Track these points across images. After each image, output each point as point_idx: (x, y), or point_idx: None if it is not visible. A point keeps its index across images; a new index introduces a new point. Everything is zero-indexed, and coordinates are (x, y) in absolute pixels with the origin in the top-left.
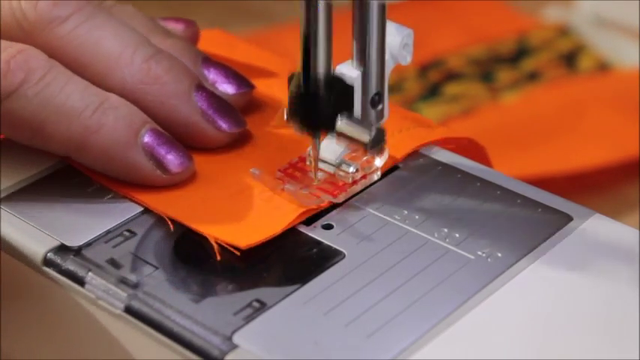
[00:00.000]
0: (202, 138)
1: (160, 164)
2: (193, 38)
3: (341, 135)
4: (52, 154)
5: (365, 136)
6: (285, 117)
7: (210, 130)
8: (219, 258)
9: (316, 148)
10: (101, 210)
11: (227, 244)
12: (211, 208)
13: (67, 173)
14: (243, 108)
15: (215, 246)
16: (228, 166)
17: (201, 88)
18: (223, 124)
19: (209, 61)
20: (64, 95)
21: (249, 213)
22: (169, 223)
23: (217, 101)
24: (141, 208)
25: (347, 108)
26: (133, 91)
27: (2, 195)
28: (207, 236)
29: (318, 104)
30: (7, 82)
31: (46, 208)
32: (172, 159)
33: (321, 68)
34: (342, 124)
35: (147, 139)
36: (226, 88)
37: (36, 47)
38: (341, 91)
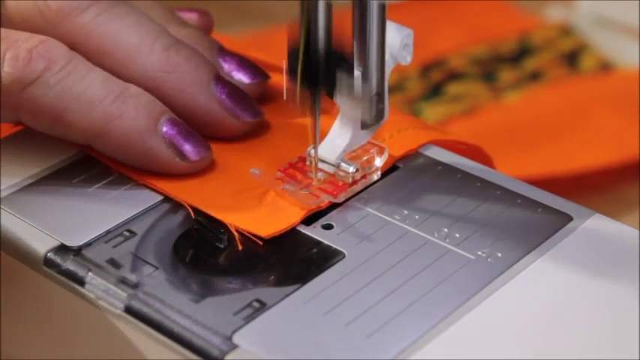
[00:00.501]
0: (220, 127)
1: (178, 152)
2: (207, 28)
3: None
4: (51, 154)
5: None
6: (285, 91)
7: (228, 120)
8: (240, 247)
9: (316, 117)
10: (101, 210)
11: (249, 233)
12: (231, 198)
13: (68, 173)
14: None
15: (236, 235)
16: (242, 157)
17: (220, 78)
18: (242, 114)
19: (224, 50)
20: (85, 84)
21: (268, 204)
22: (190, 210)
23: (235, 91)
24: (141, 208)
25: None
26: (153, 78)
27: (2, 195)
28: (228, 225)
29: (317, 60)
30: (28, 70)
31: (46, 208)
32: (190, 148)
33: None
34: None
35: (165, 128)
36: (242, 77)
37: (58, 37)
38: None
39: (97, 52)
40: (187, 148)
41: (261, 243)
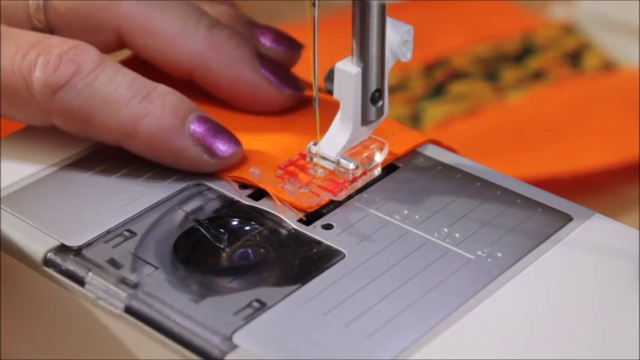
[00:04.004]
0: (265, 101)
1: (207, 150)
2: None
3: None
4: (51, 154)
5: None
6: None
7: (272, 93)
8: (283, 216)
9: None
10: (101, 210)
11: (291, 204)
12: (269, 173)
13: (68, 173)
14: None
15: (279, 205)
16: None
17: (261, 54)
18: (284, 87)
19: (258, 24)
20: (113, 85)
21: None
22: (235, 185)
23: (277, 66)
24: (141, 208)
25: None
26: (200, 55)
27: (2, 195)
28: (272, 195)
29: None
30: (58, 75)
31: (46, 208)
32: (220, 145)
33: None
34: None
35: (193, 126)
36: (278, 48)
37: (105, 21)
38: None
39: (143, 34)
40: (217, 145)
41: (304, 217)
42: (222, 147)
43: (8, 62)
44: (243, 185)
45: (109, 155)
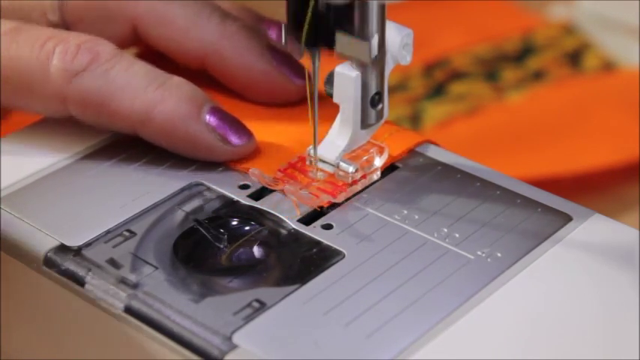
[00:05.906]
0: (277, 91)
1: (222, 138)
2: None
3: (341, 52)
4: (51, 154)
5: (364, 54)
6: (284, 38)
7: (285, 83)
8: (298, 213)
9: (315, 71)
10: (101, 210)
11: (304, 202)
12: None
13: (68, 173)
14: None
15: (294, 202)
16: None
17: (272, 45)
18: (296, 78)
19: (264, 18)
20: (129, 74)
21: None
22: (249, 173)
23: (288, 57)
24: (141, 208)
25: (346, 23)
26: (212, 44)
27: (2, 195)
28: (284, 192)
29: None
30: (76, 62)
31: (46, 208)
32: (234, 135)
33: None
34: (340, 40)
35: (208, 115)
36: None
37: (122, 14)
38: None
39: (157, 24)
40: (230, 134)
41: (318, 209)
42: (236, 135)
43: (27, 51)
44: (243, 185)
45: (109, 155)
